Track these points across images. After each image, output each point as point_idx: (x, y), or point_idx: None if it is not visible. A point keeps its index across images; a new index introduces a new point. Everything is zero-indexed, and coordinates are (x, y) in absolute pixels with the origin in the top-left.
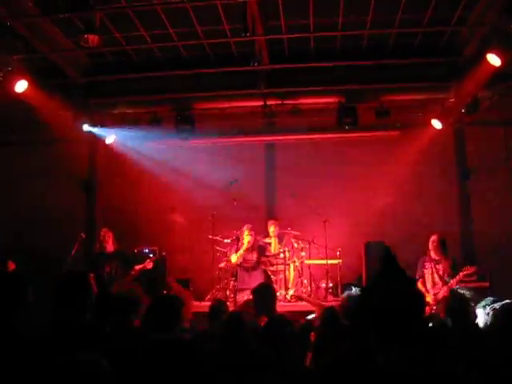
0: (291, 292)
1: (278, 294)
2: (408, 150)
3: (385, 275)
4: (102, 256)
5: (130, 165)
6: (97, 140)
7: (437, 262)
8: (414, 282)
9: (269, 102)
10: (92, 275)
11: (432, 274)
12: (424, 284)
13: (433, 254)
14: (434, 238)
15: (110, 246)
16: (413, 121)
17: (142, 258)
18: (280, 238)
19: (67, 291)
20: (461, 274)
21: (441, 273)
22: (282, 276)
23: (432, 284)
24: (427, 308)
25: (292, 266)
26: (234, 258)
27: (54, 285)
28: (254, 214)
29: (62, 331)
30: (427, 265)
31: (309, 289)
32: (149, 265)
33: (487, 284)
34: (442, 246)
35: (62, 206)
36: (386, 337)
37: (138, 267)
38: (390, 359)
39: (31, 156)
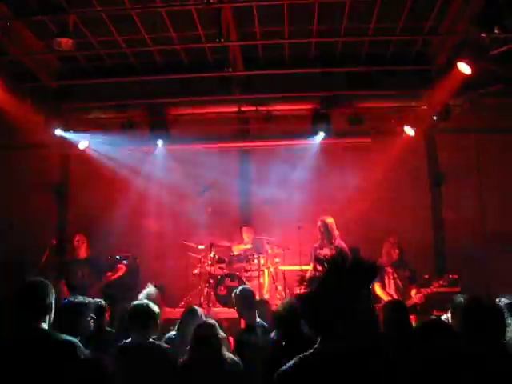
0: (266, 297)
1: None
2: (381, 157)
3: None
4: (74, 262)
5: (102, 170)
6: (69, 145)
7: (396, 267)
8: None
9: (243, 108)
10: (63, 281)
11: (394, 279)
12: (384, 288)
13: (392, 258)
14: (392, 239)
15: (82, 253)
16: (386, 128)
17: (115, 264)
18: (254, 244)
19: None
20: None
21: (401, 278)
22: (256, 282)
23: (394, 289)
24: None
25: (266, 271)
26: None
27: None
28: (228, 220)
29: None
30: (388, 269)
31: (283, 294)
32: (121, 270)
33: (458, 289)
34: (400, 249)
35: (33, 212)
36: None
37: (110, 274)
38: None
39: (1, 161)
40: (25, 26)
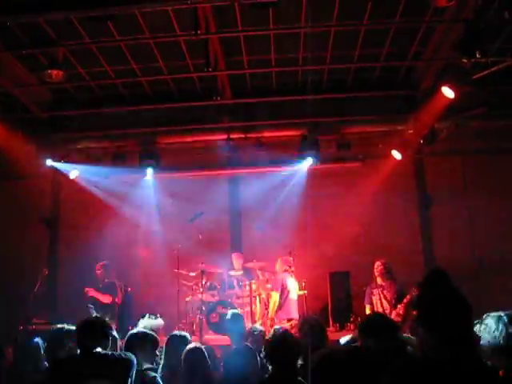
0: (258, 324)
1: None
2: (370, 181)
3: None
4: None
5: (93, 200)
6: (60, 175)
7: (383, 288)
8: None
9: (232, 136)
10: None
11: (380, 299)
12: (373, 310)
13: (379, 280)
14: (378, 263)
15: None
16: (374, 152)
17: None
18: (245, 270)
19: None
20: (405, 300)
21: (388, 298)
22: (248, 308)
23: (382, 310)
24: None
25: (258, 298)
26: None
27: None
28: (219, 247)
29: None
30: (375, 291)
31: (275, 320)
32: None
33: None
34: (387, 271)
35: (24, 242)
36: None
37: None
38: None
39: None
40: (15, 58)
